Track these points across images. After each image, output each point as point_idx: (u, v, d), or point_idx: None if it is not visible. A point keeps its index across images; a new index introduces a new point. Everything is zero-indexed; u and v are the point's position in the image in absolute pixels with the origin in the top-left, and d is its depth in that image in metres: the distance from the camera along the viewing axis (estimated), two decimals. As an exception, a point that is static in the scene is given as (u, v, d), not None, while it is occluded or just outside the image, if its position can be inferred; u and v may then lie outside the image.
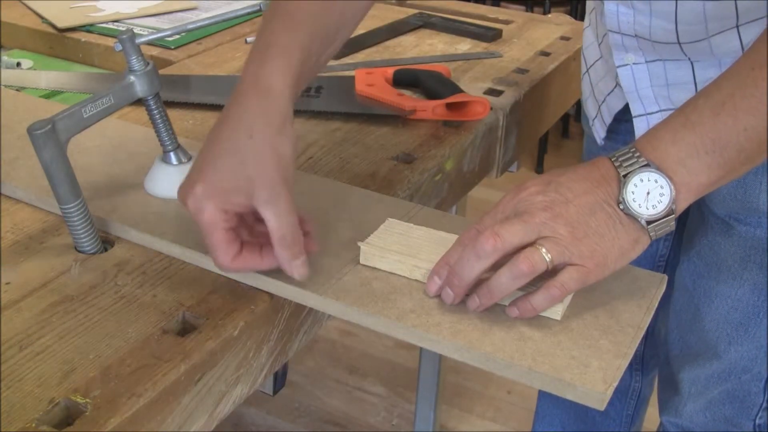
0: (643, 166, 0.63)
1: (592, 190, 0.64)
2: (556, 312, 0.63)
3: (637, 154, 0.64)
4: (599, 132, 1.02)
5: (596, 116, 1.01)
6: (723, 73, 0.65)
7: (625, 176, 0.63)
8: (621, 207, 0.63)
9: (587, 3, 1.03)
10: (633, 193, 0.63)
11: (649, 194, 0.63)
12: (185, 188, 0.65)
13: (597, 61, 0.99)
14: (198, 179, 0.64)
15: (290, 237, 0.64)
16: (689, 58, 0.85)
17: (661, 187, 0.63)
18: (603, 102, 0.98)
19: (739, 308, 0.95)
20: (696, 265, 0.98)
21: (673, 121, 0.65)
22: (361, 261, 0.69)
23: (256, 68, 0.66)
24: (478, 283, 0.63)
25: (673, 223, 0.64)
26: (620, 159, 0.64)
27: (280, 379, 1.05)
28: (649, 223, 0.63)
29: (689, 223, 1.01)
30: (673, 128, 0.64)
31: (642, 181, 0.63)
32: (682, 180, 0.63)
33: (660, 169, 0.63)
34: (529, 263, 0.61)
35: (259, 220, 0.64)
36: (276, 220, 0.63)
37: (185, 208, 0.64)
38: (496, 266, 0.62)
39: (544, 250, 0.61)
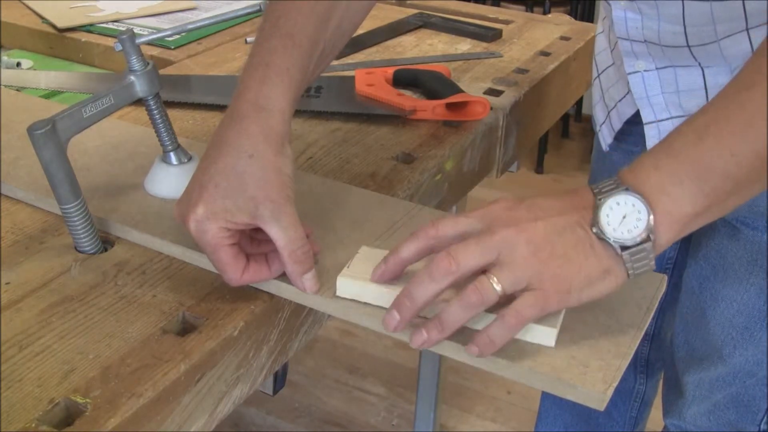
0: (619, 189, 0.59)
1: (566, 212, 0.60)
2: (550, 338, 0.60)
3: (618, 180, 0.60)
4: (606, 138, 1.01)
5: (605, 122, 1.01)
6: (710, 100, 0.61)
7: (600, 199, 0.60)
8: (594, 230, 0.59)
9: (600, 9, 1.03)
10: (608, 216, 0.59)
11: (625, 218, 0.58)
12: (185, 208, 0.64)
13: (609, 67, 0.98)
14: (198, 200, 0.63)
15: (299, 252, 0.64)
16: (700, 64, 0.84)
17: (639, 211, 0.58)
18: (613, 108, 0.98)
19: (745, 312, 0.94)
20: (702, 268, 0.98)
21: (657, 149, 0.61)
22: (338, 293, 0.65)
23: (255, 87, 0.66)
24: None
25: (653, 262, 0.59)
26: (600, 187, 0.61)
27: (280, 379, 1.05)
28: (624, 249, 0.58)
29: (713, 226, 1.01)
30: (656, 156, 0.60)
31: (618, 204, 0.59)
32: (664, 208, 0.59)
33: (638, 192, 0.59)
34: (479, 295, 0.57)
35: (261, 230, 0.64)
36: (283, 236, 0.63)
37: (185, 227, 0.64)
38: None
39: (495, 279, 0.57)
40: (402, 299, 0.60)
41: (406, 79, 1.07)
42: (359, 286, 0.64)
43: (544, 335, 0.60)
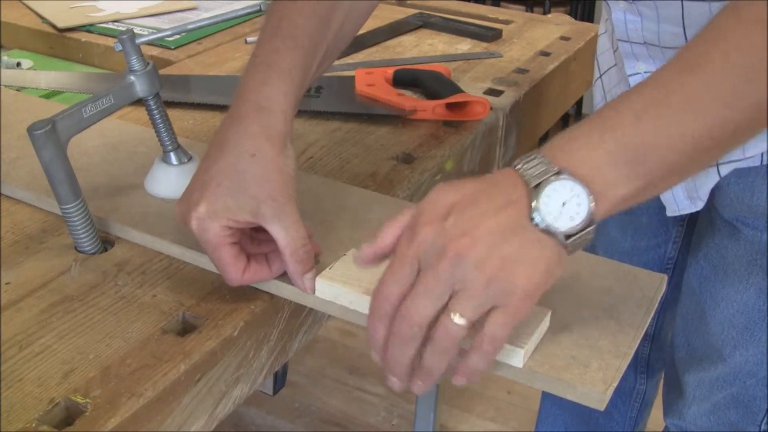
0: (555, 174, 0.56)
1: (501, 210, 0.56)
2: (518, 359, 0.58)
3: (547, 160, 0.57)
4: None
5: None
6: (648, 77, 0.59)
7: (535, 187, 0.56)
8: (534, 223, 0.56)
9: (603, 11, 1.03)
10: (547, 205, 0.56)
11: (565, 205, 0.56)
12: (186, 207, 0.64)
13: (611, 68, 0.98)
14: (200, 199, 0.63)
15: (301, 251, 0.64)
16: None
17: (578, 195, 0.56)
18: None
19: (745, 312, 0.94)
20: (703, 268, 0.98)
21: (589, 125, 0.58)
22: (317, 294, 0.65)
23: (257, 88, 0.66)
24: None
25: (591, 235, 0.57)
26: (527, 167, 0.57)
27: (280, 379, 1.05)
28: (567, 237, 0.56)
29: (698, 226, 1.00)
30: (589, 133, 0.57)
31: (555, 191, 0.56)
32: (599, 190, 0.56)
33: (575, 176, 0.56)
34: (447, 338, 0.55)
35: (261, 230, 0.65)
36: (285, 235, 0.63)
37: (186, 227, 0.64)
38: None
39: (456, 316, 0.55)
40: (387, 364, 0.59)
41: (406, 79, 1.07)
42: (336, 289, 0.64)
43: (512, 356, 0.59)
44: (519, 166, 0.58)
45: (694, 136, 0.56)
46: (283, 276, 0.66)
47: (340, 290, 0.64)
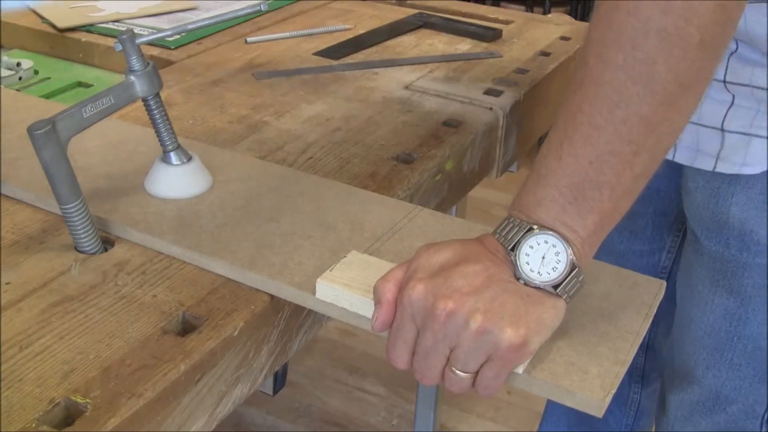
0: (526, 232, 0.58)
1: (486, 270, 0.58)
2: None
3: (517, 221, 0.59)
4: None
5: None
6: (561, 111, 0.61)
7: (512, 248, 0.58)
8: (522, 281, 0.58)
9: None
10: (528, 264, 0.58)
11: (545, 258, 0.58)
12: None
13: None
14: None
15: None
16: None
17: (554, 245, 0.58)
18: None
19: (712, 334, 0.92)
20: (678, 284, 0.96)
21: (530, 181, 0.60)
22: (317, 296, 0.65)
23: None
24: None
25: (581, 277, 0.59)
26: (502, 233, 0.60)
27: (280, 379, 1.05)
28: (556, 287, 0.58)
29: (687, 237, 0.99)
30: (532, 190, 0.60)
31: (532, 247, 0.58)
32: (567, 235, 0.58)
33: (545, 229, 0.58)
34: (457, 386, 0.59)
35: None
36: None
37: None
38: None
39: (458, 373, 0.58)
40: (420, 378, 0.61)
41: None
42: (336, 291, 0.64)
43: None
44: (494, 234, 0.60)
45: (610, 151, 0.57)
46: (282, 276, 0.66)
47: (341, 292, 0.64)
